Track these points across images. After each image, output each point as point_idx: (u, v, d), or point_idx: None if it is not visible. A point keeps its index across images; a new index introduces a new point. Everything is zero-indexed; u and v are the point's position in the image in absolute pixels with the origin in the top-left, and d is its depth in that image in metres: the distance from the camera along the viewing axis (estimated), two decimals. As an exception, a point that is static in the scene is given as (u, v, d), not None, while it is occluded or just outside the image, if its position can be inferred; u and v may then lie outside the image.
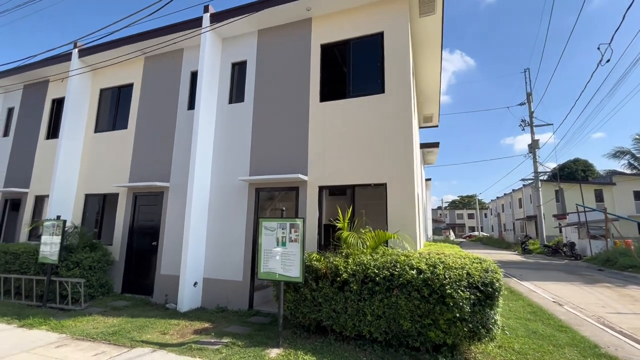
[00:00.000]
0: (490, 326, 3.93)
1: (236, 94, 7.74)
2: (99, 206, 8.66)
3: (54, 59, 9.52)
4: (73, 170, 8.85)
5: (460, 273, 4.03)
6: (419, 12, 6.74)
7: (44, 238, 6.92)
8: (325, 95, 6.77)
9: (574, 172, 43.32)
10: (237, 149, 7.28)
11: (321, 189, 6.43)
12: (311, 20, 7.12)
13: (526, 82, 27.71)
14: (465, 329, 3.89)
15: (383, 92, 6.25)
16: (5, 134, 10.77)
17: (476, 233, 55.54)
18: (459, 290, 3.88)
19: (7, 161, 10.35)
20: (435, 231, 33.32)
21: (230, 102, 7.67)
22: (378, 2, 6.60)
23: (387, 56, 6.34)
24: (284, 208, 4.94)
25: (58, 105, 10.01)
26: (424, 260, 4.40)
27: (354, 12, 6.78)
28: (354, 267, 4.52)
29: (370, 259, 4.61)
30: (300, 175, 6.28)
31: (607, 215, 18.35)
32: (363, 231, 5.30)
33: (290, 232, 4.68)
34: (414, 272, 4.19)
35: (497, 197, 51.96)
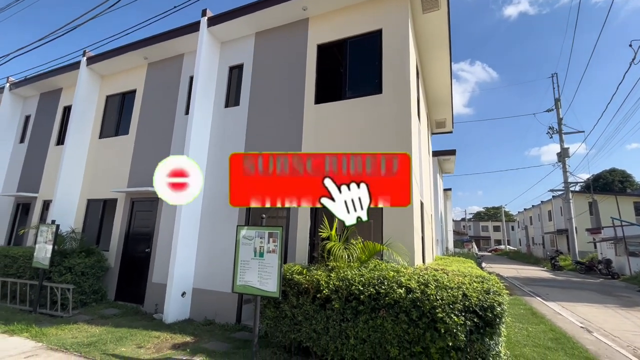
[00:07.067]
0: (491, 359, 3.31)
1: (233, 97, 7.54)
2: (100, 211, 8.65)
3: (65, 68, 9.81)
4: (77, 175, 8.93)
5: (455, 294, 3.46)
6: (422, 8, 6.32)
7: (38, 243, 6.90)
8: (320, 98, 6.41)
9: (610, 183, 40.37)
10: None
11: (314, 196, 6.00)
12: (308, 20, 6.83)
13: (554, 88, 26.19)
14: (461, 360, 3.30)
15: (380, 92, 5.80)
16: (22, 140, 11.17)
17: (502, 247, 52.58)
18: (452, 315, 3.31)
19: (21, 167, 10.69)
20: (457, 244, 31.66)
21: (227, 105, 7.47)
22: (377, -2, 6.22)
23: (385, 54, 5.92)
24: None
25: (69, 112, 10.24)
26: (416, 277, 3.86)
27: (351, 9, 6.43)
28: (337, 283, 4.05)
29: (356, 274, 4.12)
30: (291, 181, 5.89)
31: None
32: (354, 242, 4.82)
33: (269, 242, 4.28)
34: (402, 290, 3.66)
35: (525, 209, 49.03)
